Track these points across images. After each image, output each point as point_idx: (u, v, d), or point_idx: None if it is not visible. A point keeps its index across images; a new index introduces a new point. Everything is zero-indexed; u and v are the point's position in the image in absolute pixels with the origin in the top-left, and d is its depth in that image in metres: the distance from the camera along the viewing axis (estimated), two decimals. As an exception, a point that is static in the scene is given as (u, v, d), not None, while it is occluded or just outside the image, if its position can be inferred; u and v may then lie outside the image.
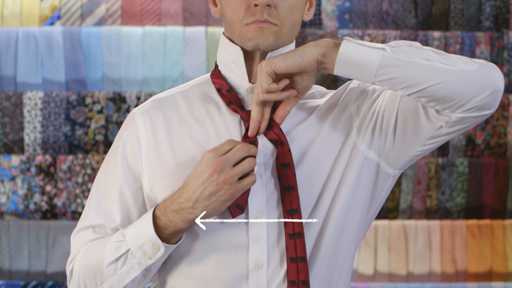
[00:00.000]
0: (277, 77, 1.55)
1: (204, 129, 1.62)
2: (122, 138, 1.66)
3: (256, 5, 1.56)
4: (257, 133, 1.59)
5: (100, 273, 1.59)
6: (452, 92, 1.48)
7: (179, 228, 1.53)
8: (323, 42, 1.53)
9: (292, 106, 1.59)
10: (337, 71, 1.52)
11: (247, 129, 1.59)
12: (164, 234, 1.54)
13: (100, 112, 4.11)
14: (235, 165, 1.50)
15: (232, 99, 1.63)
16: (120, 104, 4.11)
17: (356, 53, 1.49)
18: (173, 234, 1.54)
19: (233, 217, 1.55)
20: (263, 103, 1.57)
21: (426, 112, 1.56)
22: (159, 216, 1.53)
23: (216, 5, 1.68)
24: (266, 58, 1.59)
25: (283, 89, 1.56)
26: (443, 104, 1.50)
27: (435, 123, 1.55)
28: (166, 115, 1.66)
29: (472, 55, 4.23)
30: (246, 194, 1.55)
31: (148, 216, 1.54)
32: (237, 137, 1.61)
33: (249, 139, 1.58)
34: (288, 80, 1.55)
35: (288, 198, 1.57)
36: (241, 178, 1.51)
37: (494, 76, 1.50)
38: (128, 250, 1.56)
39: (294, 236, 1.56)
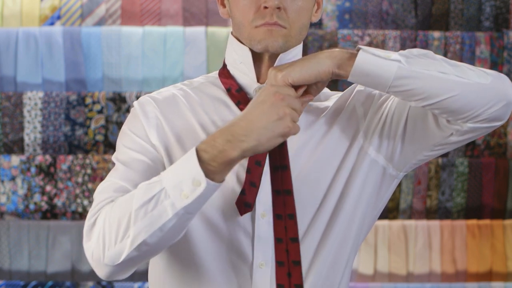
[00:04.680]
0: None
1: (215, 124, 1.62)
2: (132, 120, 1.64)
3: (265, 7, 1.56)
4: None
5: (127, 221, 1.43)
6: (466, 104, 1.49)
7: (231, 157, 1.40)
8: (338, 54, 1.51)
9: (303, 108, 1.59)
10: (351, 79, 1.52)
11: None
12: (211, 167, 1.40)
13: (100, 112, 4.10)
14: None
15: (241, 99, 1.63)
16: (120, 104, 4.11)
17: (371, 65, 1.49)
18: (222, 167, 1.41)
19: (241, 215, 1.55)
20: None
21: (436, 120, 1.56)
22: (205, 149, 1.41)
23: (224, 6, 1.67)
24: (277, 59, 1.60)
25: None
26: (456, 116, 1.51)
27: (445, 131, 1.56)
28: (176, 105, 1.65)
29: (472, 55, 4.24)
30: (255, 192, 1.55)
31: (191, 151, 1.42)
32: None
33: None
34: (306, 86, 1.54)
35: (282, 202, 1.54)
36: None
37: (507, 88, 1.51)
38: (161, 190, 1.41)
39: (286, 240, 1.54)
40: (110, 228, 1.45)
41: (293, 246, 1.52)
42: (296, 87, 1.53)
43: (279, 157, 1.53)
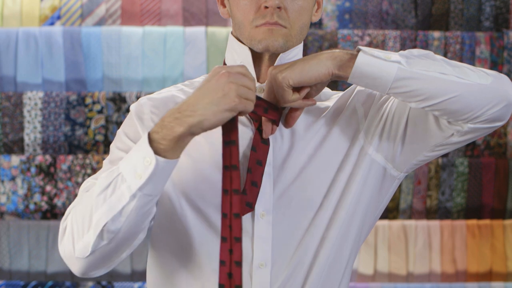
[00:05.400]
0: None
1: None
2: (127, 122, 1.65)
3: (266, 7, 1.56)
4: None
5: (90, 210, 1.46)
6: (466, 105, 1.49)
7: (178, 133, 1.41)
8: (338, 54, 1.52)
9: (303, 108, 1.59)
10: (351, 81, 1.52)
11: (257, 129, 1.58)
12: (161, 145, 1.42)
13: (100, 112, 4.10)
14: None
15: None
16: (120, 104, 4.10)
17: (371, 66, 1.49)
18: (172, 144, 1.42)
19: (242, 215, 1.54)
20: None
21: (437, 120, 1.56)
22: (156, 130, 1.43)
23: (224, 6, 1.68)
24: (278, 59, 1.60)
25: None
26: (456, 117, 1.51)
27: (446, 132, 1.56)
28: (174, 105, 1.64)
29: (472, 55, 4.23)
30: (256, 192, 1.55)
31: (144, 135, 1.44)
32: (248, 134, 1.60)
33: (262, 139, 1.58)
34: (309, 88, 1.55)
35: (229, 177, 1.50)
36: None
37: (507, 88, 1.51)
38: (118, 175, 1.44)
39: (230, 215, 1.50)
40: (77, 222, 1.47)
41: (236, 222, 1.48)
42: (298, 89, 1.53)
43: (229, 132, 1.50)
